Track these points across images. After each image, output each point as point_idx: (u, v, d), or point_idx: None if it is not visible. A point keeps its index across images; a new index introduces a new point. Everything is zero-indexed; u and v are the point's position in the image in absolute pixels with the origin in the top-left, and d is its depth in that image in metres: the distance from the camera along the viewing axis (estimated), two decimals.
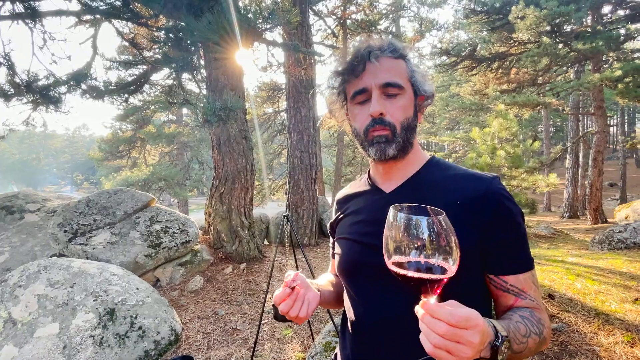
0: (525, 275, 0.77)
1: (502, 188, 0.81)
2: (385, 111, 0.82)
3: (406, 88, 0.84)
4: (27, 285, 3.11)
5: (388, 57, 0.84)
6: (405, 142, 0.85)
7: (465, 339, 0.55)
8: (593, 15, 11.40)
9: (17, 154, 52.09)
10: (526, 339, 0.68)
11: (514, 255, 0.78)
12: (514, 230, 0.78)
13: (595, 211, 12.24)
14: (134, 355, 2.93)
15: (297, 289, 0.82)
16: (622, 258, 4.66)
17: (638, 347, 2.52)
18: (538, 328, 0.72)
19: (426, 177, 0.87)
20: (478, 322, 0.56)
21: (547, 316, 0.76)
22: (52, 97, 4.90)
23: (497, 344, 0.59)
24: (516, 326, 0.68)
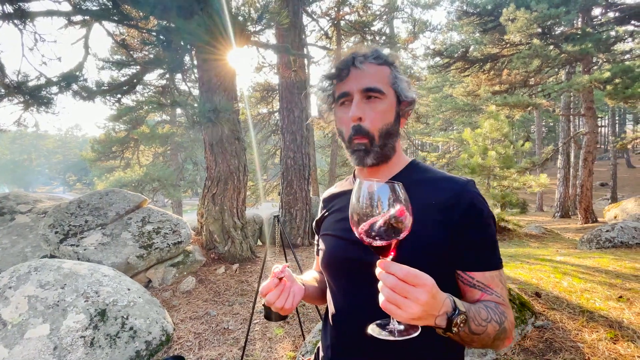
0: (492, 273, 0.80)
1: (475, 191, 0.84)
2: (364, 116, 0.85)
3: (387, 93, 0.87)
4: (17, 286, 3.10)
5: (372, 63, 0.87)
6: (385, 149, 0.89)
7: (412, 294, 0.60)
8: (583, 17, 11.56)
9: (8, 155, 51.49)
10: (486, 324, 0.71)
11: (481, 254, 0.81)
12: (483, 231, 0.81)
13: (586, 211, 12.40)
14: (125, 355, 2.94)
15: (284, 280, 0.87)
16: (609, 257, 4.74)
17: (620, 344, 2.58)
18: (500, 318, 0.74)
19: (406, 179, 0.86)
20: (426, 282, 0.61)
21: (511, 313, 0.80)
22: (43, 98, 4.88)
23: (452, 316, 0.64)
24: (477, 310, 0.72)
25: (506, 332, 0.75)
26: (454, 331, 0.65)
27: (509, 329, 0.77)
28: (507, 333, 0.76)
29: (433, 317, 0.63)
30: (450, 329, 0.65)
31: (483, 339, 0.71)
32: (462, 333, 0.67)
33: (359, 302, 0.86)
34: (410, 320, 0.62)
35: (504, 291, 0.81)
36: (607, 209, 10.91)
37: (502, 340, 0.76)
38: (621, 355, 2.45)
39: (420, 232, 0.79)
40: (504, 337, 0.75)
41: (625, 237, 5.51)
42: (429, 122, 26.50)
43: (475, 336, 0.70)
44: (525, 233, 7.97)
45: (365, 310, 0.84)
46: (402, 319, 0.62)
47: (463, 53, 12.52)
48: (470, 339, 0.70)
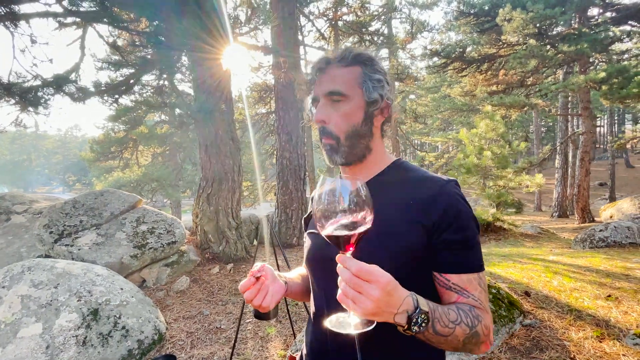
0: (470, 276, 0.78)
1: (454, 191, 0.83)
2: (327, 119, 0.87)
3: (351, 95, 0.86)
4: (10, 286, 3.13)
5: (336, 67, 0.87)
6: (354, 148, 0.88)
7: (365, 290, 0.61)
8: (579, 18, 11.58)
9: (8, 155, 51.50)
10: (454, 326, 0.70)
11: (458, 256, 0.79)
12: (460, 232, 0.79)
13: (583, 210, 12.42)
14: (117, 354, 2.96)
15: (262, 279, 0.88)
16: (601, 256, 4.77)
17: (606, 342, 2.61)
18: (472, 322, 0.73)
19: (387, 179, 0.91)
20: (380, 279, 0.61)
21: (489, 318, 0.77)
22: (39, 98, 4.91)
23: (412, 314, 0.64)
24: (445, 311, 0.71)
25: (478, 336, 0.74)
26: (415, 330, 0.65)
27: (483, 333, 0.74)
28: (479, 337, 0.74)
29: (391, 314, 0.63)
30: (410, 327, 0.64)
31: (451, 342, 0.71)
32: (426, 333, 0.67)
33: (336, 300, 0.87)
34: (365, 315, 0.62)
35: (483, 295, 0.79)
36: (603, 208, 10.95)
37: (475, 345, 0.74)
38: (606, 354, 2.48)
39: (396, 232, 0.80)
40: (476, 341, 0.73)
41: (618, 237, 5.54)
42: (427, 122, 26.54)
43: (442, 337, 0.69)
44: (520, 233, 8.00)
45: (342, 308, 0.84)
46: (357, 314, 0.63)
47: (460, 53, 12.55)
48: (437, 340, 0.70)
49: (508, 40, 11.59)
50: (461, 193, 0.84)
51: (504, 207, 8.31)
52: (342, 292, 0.63)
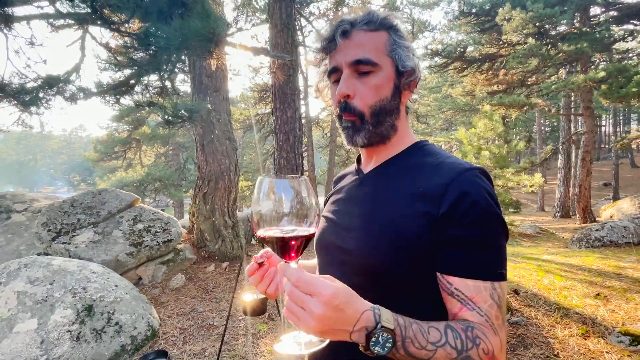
0: (479, 283, 0.64)
1: (474, 180, 0.68)
2: (353, 92, 0.75)
3: (382, 64, 0.75)
4: (7, 282, 3.20)
5: (362, 31, 0.75)
6: (379, 127, 0.78)
7: (307, 305, 0.53)
8: (580, 17, 11.54)
9: (14, 155, 52.08)
10: (434, 348, 0.59)
11: (466, 256, 0.65)
12: (475, 228, 0.65)
13: (584, 210, 12.37)
14: (111, 349, 3.02)
15: (266, 265, 0.84)
16: (595, 255, 4.78)
17: (591, 339, 2.63)
18: (463, 344, 0.60)
19: (403, 162, 0.80)
20: (323, 291, 0.53)
21: (496, 341, 0.63)
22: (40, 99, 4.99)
23: (371, 331, 0.55)
24: (425, 329, 0.60)
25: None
26: (376, 351, 0.55)
27: (480, 358, 0.60)
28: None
29: (346, 332, 0.55)
30: (369, 347, 0.55)
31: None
32: (397, 355, 0.58)
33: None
34: (313, 334, 0.55)
35: (494, 310, 0.63)
36: (603, 208, 10.90)
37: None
38: (590, 351, 2.50)
39: (401, 224, 0.70)
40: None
41: (614, 236, 5.53)
42: (429, 122, 26.50)
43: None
44: (519, 232, 8.00)
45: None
46: (302, 329, 0.55)
47: (460, 53, 12.55)
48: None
49: (509, 39, 11.58)
50: (486, 184, 0.69)
51: (505, 207, 8.30)
52: (286, 307, 0.56)
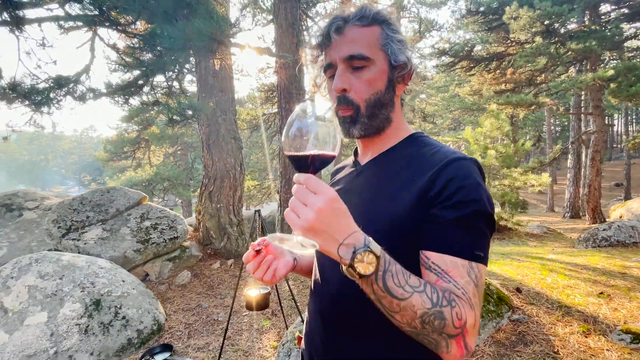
0: (455, 259, 0.65)
1: (468, 167, 0.71)
2: (349, 87, 0.78)
3: (375, 59, 0.77)
4: (18, 276, 3.30)
5: (355, 26, 0.78)
6: (374, 120, 0.80)
7: (310, 201, 0.57)
8: (590, 14, 11.40)
9: (26, 155, 53.06)
10: (412, 291, 0.60)
11: (445, 232, 0.67)
12: (455, 209, 0.67)
13: (594, 211, 12.21)
14: (117, 343, 3.10)
15: (264, 253, 0.87)
16: (601, 255, 4.74)
17: (592, 337, 2.63)
18: (439, 299, 0.61)
19: (399, 152, 0.83)
20: (327, 191, 0.57)
21: (472, 315, 0.63)
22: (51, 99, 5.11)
23: (357, 250, 0.57)
24: (407, 273, 0.62)
25: (444, 321, 0.60)
26: (359, 270, 0.57)
27: (453, 322, 0.61)
28: (445, 324, 0.60)
29: (335, 241, 0.58)
30: (353, 264, 0.57)
31: (406, 312, 0.60)
32: (375, 286, 0.59)
33: (326, 274, 0.85)
34: (307, 230, 0.57)
35: (471, 287, 0.64)
36: (612, 208, 10.76)
37: (438, 333, 0.60)
38: (590, 348, 2.50)
39: (395, 208, 0.72)
40: (440, 326, 0.60)
41: (621, 236, 5.48)
42: (437, 121, 26.37)
43: (394, 300, 0.60)
44: (526, 232, 7.94)
45: (332, 285, 0.83)
46: (297, 227, 0.58)
47: (467, 52, 12.48)
48: (389, 303, 0.60)
49: (517, 38, 11.48)
50: (476, 173, 0.72)
51: (511, 206, 8.25)
52: (289, 206, 0.59)
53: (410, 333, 0.63)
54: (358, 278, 0.59)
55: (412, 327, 0.61)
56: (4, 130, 6.42)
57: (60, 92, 3.96)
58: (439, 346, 0.62)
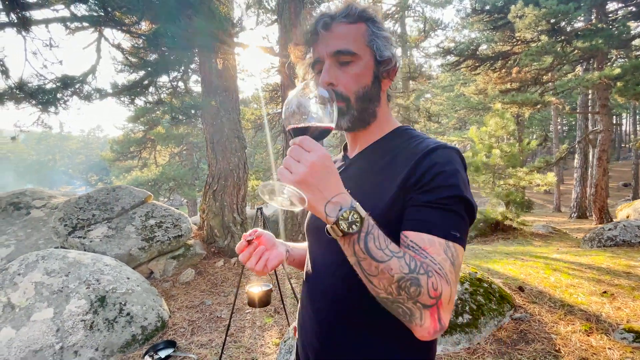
0: (432, 237, 0.66)
1: (448, 154, 0.73)
2: (336, 81, 0.79)
3: (362, 54, 0.80)
4: (25, 273, 3.35)
5: (342, 23, 0.80)
6: (362, 112, 0.82)
7: (304, 157, 0.60)
8: (597, 12, 11.30)
9: (34, 155, 53.66)
10: (391, 256, 0.61)
11: (422, 215, 0.69)
12: (432, 192, 0.69)
13: (600, 211, 12.09)
14: (122, 339, 3.14)
15: (255, 243, 0.90)
16: (606, 255, 4.70)
17: (594, 336, 2.62)
18: (417, 267, 0.61)
19: (385, 145, 0.85)
20: (320, 149, 0.61)
21: (447, 289, 0.63)
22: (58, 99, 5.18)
23: (343, 209, 0.60)
24: (389, 240, 0.64)
25: (420, 289, 0.60)
26: (343, 228, 0.60)
27: (429, 292, 0.60)
28: (421, 291, 0.60)
29: (323, 198, 0.61)
30: (338, 222, 0.60)
31: (384, 275, 0.60)
32: (356, 247, 0.61)
33: (319, 266, 0.87)
34: (297, 181, 0.60)
35: (448, 264, 0.64)
36: (619, 208, 10.66)
37: (412, 300, 0.60)
38: (592, 347, 2.49)
39: (381, 196, 0.75)
40: (415, 293, 0.60)
41: (627, 236, 5.43)
42: (441, 121, 26.25)
43: (373, 262, 0.61)
44: (531, 232, 7.89)
45: (323, 276, 0.85)
46: (289, 180, 0.61)
47: (473, 51, 12.42)
48: (368, 266, 0.61)
49: (523, 37, 11.40)
50: (457, 162, 0.73)
51: (516, 206, 8.20)
52: (283, 164, 0.63)
53: (385, 301, 0.63)
54: (341, 236, 0.61)
55: (388, 292, 0.61)
56: (13, 131, 6.53)
57: (66, 92, 4.01)
58: (413, 317, 0.61)
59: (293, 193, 0.63)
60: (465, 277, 3.20)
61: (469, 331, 2.75)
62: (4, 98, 4.94)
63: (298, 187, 0.61)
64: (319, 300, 0.85)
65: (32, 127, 6.82)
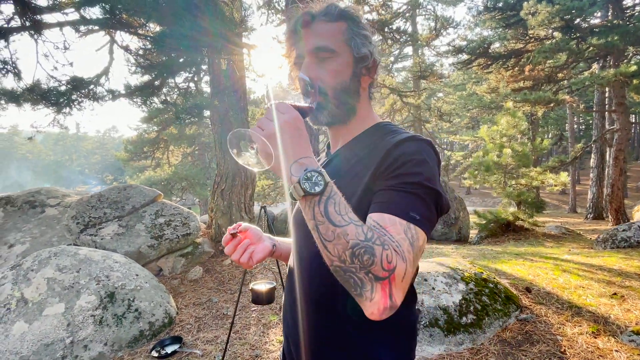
0: (393, 217, 0.65)
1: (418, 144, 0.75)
2: (315, 76, 0.82)
3: (340, 51, 0.82)
4: (38, 269, 3.45)
5: (322, 22, 0.83)
6: (341, 107, 0.85)
7: (277, 117, 0.65)
8: (613, 8, 11.04)
9: (52, 155, 55.05)
10: (350, 222, 0.61)
11: (385, 197, 0.69)
12: (397, 178, 0.70)
13: (617, 211, 11.80)
14: (130, 334, 3.21)
15: (240, 237, 0.93)
16: (619, 256, 4.60)
17: (601, 338, 2.57)
18: (373, 237, 0.60)
19: (365, 139, 0.86)
20: (292, 111, 0.66)
21: (402, 266, 0.60)
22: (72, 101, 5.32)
23: (309, 169, 0.62)
24: (349, 208, 0.64)
25: (374, 258, 0.58)
26: (305, 187, 0.61)
27: (382, 264, 0.58)
28: (374, 261, 0.58)
29: (292, 157, 0.64)
30: (301, 181, 0.61)
31: (339, 241, 0.60)
32: (316, 209, 0.62)
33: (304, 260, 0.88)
34: (267, 134, 0.64)
35: (406, 243, 0.63)
36: (636, 209, 10.40)
37: (364, 270, 0.59)
38: (598, 349, 2.45)
39: (358, 187, 0.76)
40: (368, 263, 0.58)
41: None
42: (453, 120, 25.95)
43: (330, 227, 0.61)
44: (543, 233, 7.75)
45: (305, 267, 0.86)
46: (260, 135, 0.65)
47: (484, 49, 12.25)
48: (325, 229, 0.61)
49: (536, 34, 11.21)
50: (428, 151, 0.75)
51: (527, 206, 8.06)
52: (257, 123, 0.67)
53: (338, 270, 0.62)
54: (302, 196, 0.62)
55: (341, 260, 0.60)
56: (30, 131, 6.72)
57: (80, 94, 4.12)
58: (363, 290, 0.59)
59: (262, 148, 0.65)
60: (470, 277, 3.18)
61: (472, 331, 2.73)
62: (21, 100, 5.10)
63: (268, 142, 0.63)
64: (299, 291, 0.87)
65: (48, 127, 7.02)
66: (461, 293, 2.98)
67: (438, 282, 3.09)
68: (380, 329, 0.76)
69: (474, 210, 8.79)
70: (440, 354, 2.56)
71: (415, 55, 18.37)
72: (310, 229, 0.65)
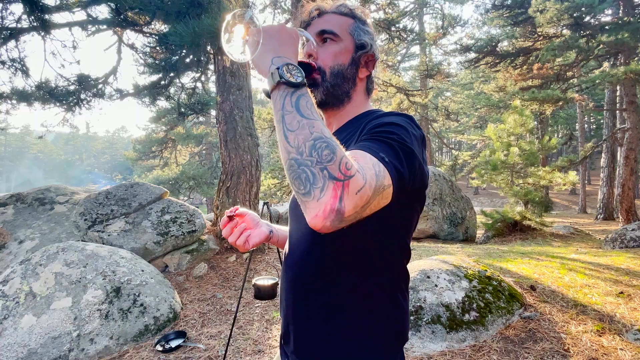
0: (365, 153, 0.64)
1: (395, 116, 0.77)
2: (316, 54, 0.87)
3: (343, 38, 0.89)
4: (46, 264, 3.52)
5: (332, 14, 0.91)
6: (336, 88, 0.88)
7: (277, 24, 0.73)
8: (624, 5, 10.87)
9: (62, 155, 55.89)
10: (318, 118, 0.60)
11: (357, 145, 0.68)
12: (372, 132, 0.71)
13: (628, 212, 11.62)
14: (135, 328, 3.26)
15: (236, 219, 0.97)
16: (627, 255, 4.53)
17: (606, 336, 2.55)
18: (336, 143, 0.58)
19: (356, 122, 0.89)
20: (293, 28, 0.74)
21: (358, 174, 0.57)
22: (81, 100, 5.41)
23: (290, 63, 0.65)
24: (319, 111, 0.68)
25: (333, 157, 0.55)
26: (282, 73, 0.62)
27: (339, 166, 0.55)
28: (332, 159, 0.55)
29: (275, 51, 0.68)
30: (279, 69, 0.63)
31: (303, 131, 0.57)
32: (287, 100, 0.61)
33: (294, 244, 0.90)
34: (264, 29, 0.70)
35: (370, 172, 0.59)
36: None
37: (320, 165, 0.55)
38: (603, 347, 2.43)
39: None
40: (326, 158, 0.55)
41: None
42: (461, 119, 25.76)
43: (297, 117, 0.59)
44: (550, 233, 7.67)
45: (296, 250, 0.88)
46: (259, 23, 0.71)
47: (492, 48, 12.15)
48: (291, 119, 0.59)
49: (545, 32, 11.10)
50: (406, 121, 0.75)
51: (535, 205, 7.98)
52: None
53: (292, 165, 0.57)
54: (277, 82, 0.63)
55: (299, 152, 0.56)
56: (41, 131, 6.84)
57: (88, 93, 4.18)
58: (314, 185, 0.54)
59: (254, 36, 0.68)
60: (474, 274, 3.16)
61: (475, 328, 2.72)
62: (31, 98, 5.19)
63: (263, 33, 0.68)
64: (291, 274, 0.89)
65: (58, 127, 7.13)
66: (464, 290, 2.97)
67: (441, 279, 3.08)
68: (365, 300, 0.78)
69: (481, 210, 8.73)
70: (442, 351, 2.56)
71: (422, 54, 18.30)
72: (275, 123, 0.62)
